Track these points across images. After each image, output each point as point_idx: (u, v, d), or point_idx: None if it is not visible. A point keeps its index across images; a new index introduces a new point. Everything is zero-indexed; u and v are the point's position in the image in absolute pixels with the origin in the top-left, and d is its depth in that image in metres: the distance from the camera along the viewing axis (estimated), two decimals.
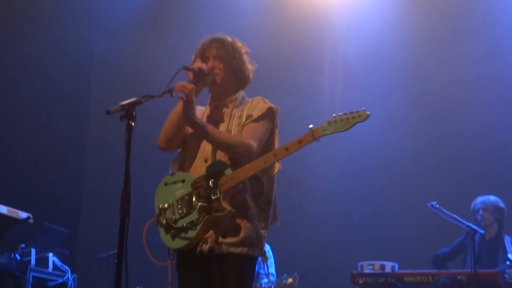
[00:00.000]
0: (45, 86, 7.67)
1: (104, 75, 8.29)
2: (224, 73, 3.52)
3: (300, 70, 7.64)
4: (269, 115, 3.45)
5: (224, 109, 3.53)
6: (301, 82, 7.58)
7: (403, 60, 7.39)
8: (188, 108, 3.30)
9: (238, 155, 3.31)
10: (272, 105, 3.50)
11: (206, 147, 3.45)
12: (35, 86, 7.59)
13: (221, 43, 3.56)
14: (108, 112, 2.86)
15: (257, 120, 3.41)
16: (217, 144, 3.35)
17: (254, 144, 3.32)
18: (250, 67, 3.64)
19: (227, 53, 3.53)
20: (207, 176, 3.30)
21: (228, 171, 3.26)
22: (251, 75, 3.65)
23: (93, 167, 8.51)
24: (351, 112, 3.11)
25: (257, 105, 3.47)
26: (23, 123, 7.53)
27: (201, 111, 3.64)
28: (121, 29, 8.04)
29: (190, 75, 3.45)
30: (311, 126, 3.14)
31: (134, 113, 2.93)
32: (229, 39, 3.62)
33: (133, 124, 2.91)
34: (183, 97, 3.28)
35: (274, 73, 7.21)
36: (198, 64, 3.47)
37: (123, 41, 8.10)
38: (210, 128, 3.37)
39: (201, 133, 3.35)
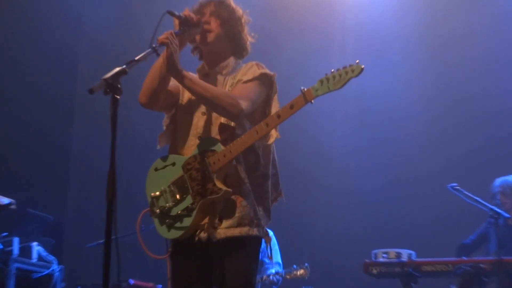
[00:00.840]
0: (28, 67, 7.42)
1: (90, 55, 7.89)
2: (219, 31, 3.34)
3: (308, 32, 7.26)
4: (263, 78, 3.27)
5: (217, 77, 3.35)
6: (309, 46, 7.17)
7: (421, 26, 7.04)
8: (170, 54, 3.09)
9: (223, 111, 3.13)
10: (268, 70, 3.30)
11: (198, 123, 3.27)
12: (18, 68, 7.36)
13: (221, 2, 3.38)
14: (91, 91, 2.66)
15: (246, 82, 3.24)
16: (201, 96, 3.16)
17: (243, 102, 3.13)
18: (249, 38, 3.43)
19: (226, 13, 3.35)
20: (198, 156, 3.15)
21: (219, 147, 3.11)
22: (249, 47, 3.44)
23: (80, 149, 8.19)
24: (344, 67, 2.94)
25: (250, 69, 3.29)
26: (5, 105, 7.29)
27: None
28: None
29: (176, 22, 3.24)
30: (302, 88, 2.98)
31: (118, 85, 2.72)
32: (232, 2, 3.41)
33: (118, 97, 2.71)
34: (165, 39, 3.08)
35: (279, 36, 6.87)
36: (187, 12, 3.26)
37: (111, 11, 7.74)
38: (195, 78, 3.19)
39: (184, 83, 3.15)
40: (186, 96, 3.39)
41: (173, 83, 3.32)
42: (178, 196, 3.18)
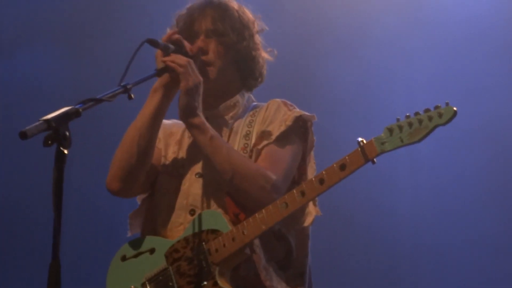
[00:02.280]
0: None
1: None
2: (222, 63, 2.45)
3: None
4: (298, 129, 2.42)
5: (219, 121, 2.49)
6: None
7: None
8: (190, 88, 2.30)
9: (248, 195, 2.31)
10: (303, 112, 2.44)
11: (191, 190, 2.41)
12: None
13: (221, 11, 2.49)
14: (23, 135, 1.83)
15: (279, 140, 2.37)
16: (220, 168, 2.31)
17: (277, 182, 2.31)
18: (265, 55, 2.53)
19: (229, 29, 2.47)
20: (192, 239, 2.30)
21: (225, 227, 2.27)
22: (265, 71, 2.55)
23: None
24: (426, 111, 2.12)
25: (278, 114, 2.44)
26: None
27: (173, 135, 2.56)
28: None
29: (159, 55, 2.38)
30: (360, 139, 2.16)
31: (67, 133, 1.90)
32: (235, 4, 2.57)
33: (66, 152, 1.88)
34: (172, 64, 2.29)
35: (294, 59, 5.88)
36: (175, 36, 2.40)
37: None
38: (218, 136, 2.37)
39: (202, 142, 2.34)
40: (170, 150, 2.50)
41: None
42: None
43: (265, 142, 2.39)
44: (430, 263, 5.31)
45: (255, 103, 2.59)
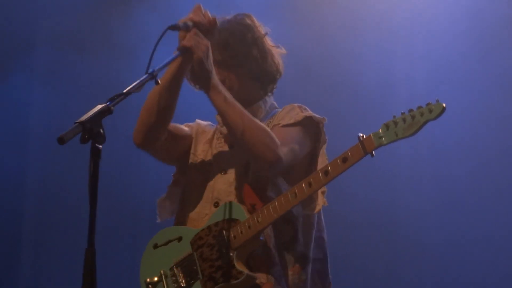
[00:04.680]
0: None
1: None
2: (239, 84, 2.68)
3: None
4: (308, 124, 2.63)
5: None
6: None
7: None
8: (200, 59, 2.47)
9: (255, 151, 2.49)
10: (314, 114, 2.66)
11: (216, 185, 2.65)
12: None
13: (224, 35, 2.65)
14: (61, 140, 1.99)
15: (287, 125, 2.61)
16: (232, 124, 2.52)
17: (283, 148, 2.49)
18: (277, 59, 2.71)
19: (240, 55, 2.66)
20: (214, 228, 2.55)
21: (243, 215, 2.50)
22: (281, 68, 2.72)
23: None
24: (419, 108, 2.33)
25: (290, 112, 2.66)
26: None
27: (205, 133, 2.76)
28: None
29: (181, 36, 2.54)
30: (360, 134, 2.38)
31: (101, 130, 2.06)
32: (240, 24, 2.72)
33: (100, 147, 2.04)
34: (189, 43, 2.46)
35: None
36: (197, 16, 2.54)
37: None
38: (231, 97, 2.55)
39: (215, 99, 2.53)
40: (200, 148, 2.74)
41: (183, 127, 2.71)
42: (183, 283, 2.54)
43: (274, 128, 2.59)
44: (429, 261, 5.30)
45: (277, 109, 2.76)
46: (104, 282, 2.36)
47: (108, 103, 2.12)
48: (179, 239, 2.62)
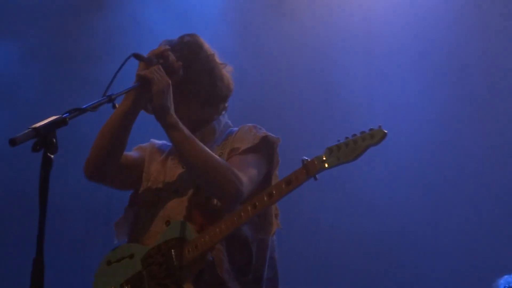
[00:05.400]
0: None
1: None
2: (190, 108, 2.72)
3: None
4: (264, 147, 2.66)
5: None
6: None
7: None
8: (161, 91, 2.50)
9: (217, 189, 2.52)
10: (269, 134, 2.70)
11: (169, 203, 2.62)
12: None
13: (176, 79, 2.65)
14: (13, 142, 2.00)
15: (245, 152, 2.63)
16: (193, 162, 2.53)
17: (244, 178, 2.53)
18: (227, 78, 2.76)
19: (191, 78, 2.68)
20: (163, 246, 2.56)
21: (190, 235, 2.52)
22: (231, 86, 2.77)
23: None
24: (362, 133, 2.40)
25: (246, 135, 2.69)
26: None
27: (158, 153, 2.80)
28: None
29: (141, 68, 2.59)
30: (304, 158, 2.44)
31: (54, 140, 2.07)
32: (188, 45, 2.74)
33: (52, 156, 2.05)
34: (150, 75, 2.50)
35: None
36: (161, 51, 2.61)
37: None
38: (190, 134, 2.57)
39: (173, 137, 2.55)
40: (153, 167, 2.76)
41: (133, 154, 2.73)
42: None
43: (232, 154, 2.63)
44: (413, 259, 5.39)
45: (231, 128, 2.80)
46: None
47: (64, 115, 2.14)
48: (131, 256, 2.62)
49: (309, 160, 2.42)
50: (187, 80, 2.66)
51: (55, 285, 3.00)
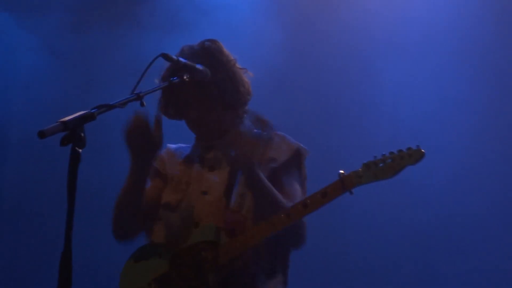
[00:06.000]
0: None
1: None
2: (215, 115, 2.74)
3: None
4: (298, 159, 2.76)
5: (225, 150, 2.76)
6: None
7: None
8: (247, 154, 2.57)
9: (293, 242, 2.71)
10: (300, 145, 2.79)
11: (197, 205, 2.68)
12: None
13: (201, 84, 2.67)
14: (42, 134, 2.00)
15: (287, 170, 2.70)
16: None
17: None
18: (247, 83, 2.79)
19: (214, 85, 2.70)
20: (193, 248, 2.59)
21: (222, 239, 2.56)
22: (249, 90, 2.80)
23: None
24: (399, 151, 2.47)
25: (280, 145, 2.74)
26: None
27: (176, 155, 2.87)
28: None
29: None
30: (341, 172, 2.49)
31: (82, 135, 2.08)
32: (209, 52, 2.77)
33: (80, 151, 2.07)
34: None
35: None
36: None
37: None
38: (272, 189, 2.61)
39: (261, 192, 2.59)
40: (174, 168, 2.82)
41: (151, 190, 2.79)
42: None
43: (270, 166, 2.67)
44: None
45: (256, 131, 2.78)
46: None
47: (93, 110, 2.16)
48: (159, 255, 2.66)
49: (346, 174, 2.47)
50: (211, 86, 2.68)
51: (83, 279, 3.02)
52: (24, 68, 6.05)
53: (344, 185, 2.46)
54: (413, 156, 2.44)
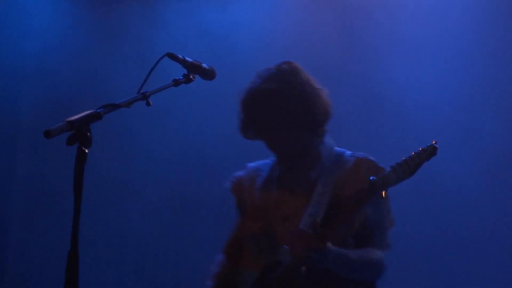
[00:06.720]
0: None
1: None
2: (293, 137, 2.76)
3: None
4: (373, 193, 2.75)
5: (305, 173, 2.79)
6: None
7: None
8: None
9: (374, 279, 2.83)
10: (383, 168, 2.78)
11: (277, 231, 2.73)
12: None
13: (270, 101, 2.72)
14: (48, 134, 2.05)
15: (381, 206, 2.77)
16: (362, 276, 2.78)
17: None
18: (324, 103, 2.77)
19: (283, 114, 2.71)
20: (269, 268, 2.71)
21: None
22: (330, 109, 2.79)
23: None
24: (421, 150, 2.62)
25: (368, 171, 2.73)
26: None
27: (255, 179, 2.90)
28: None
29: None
30: (371, 177, 2.63)
31: (88, 134, 2.11)
32: (285, 75, 2.78)
33: (86, 151, 2.10)
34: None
35: None
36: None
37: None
38: (350, 259, 2.69)
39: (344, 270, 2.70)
40: (255, 196, 2.87)
41: (237, 241, 2.92)
42: None
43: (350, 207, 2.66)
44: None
45: (339, 151, 2.84)
46: None
47: (99, 110, 2.17)
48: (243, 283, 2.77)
49: (376, 178, 2.60)
50: (284, 109, 2.68)
51: (89, 279, 3.02)
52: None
53: (373, 189, 2.59)
54: (427, 151, 2.58)
